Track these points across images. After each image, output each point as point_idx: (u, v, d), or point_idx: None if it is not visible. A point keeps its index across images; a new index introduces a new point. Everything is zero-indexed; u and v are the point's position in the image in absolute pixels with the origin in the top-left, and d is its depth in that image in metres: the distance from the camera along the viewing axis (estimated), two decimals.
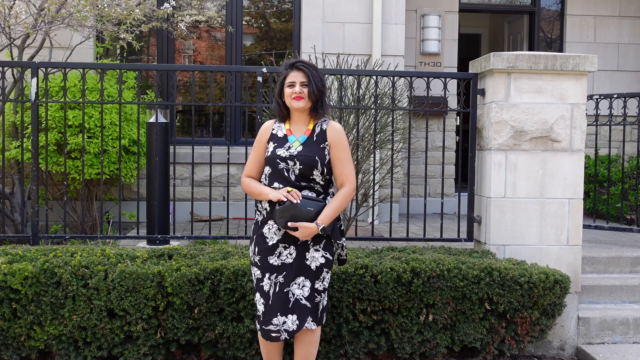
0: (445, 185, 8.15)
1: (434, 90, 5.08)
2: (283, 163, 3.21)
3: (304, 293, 3.22)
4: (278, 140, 3.29)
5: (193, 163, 4.90)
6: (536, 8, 9.03)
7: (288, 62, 3.29)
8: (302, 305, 3.22)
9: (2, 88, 4.59)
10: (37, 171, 4.61)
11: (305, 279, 3.23)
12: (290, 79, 3.24)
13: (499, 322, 4.11)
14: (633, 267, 5.17)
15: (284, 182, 3.22)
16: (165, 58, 7.34)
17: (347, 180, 3.27)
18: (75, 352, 3.94)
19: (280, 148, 3.25)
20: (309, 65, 3.26)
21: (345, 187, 3.26)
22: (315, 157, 3.21)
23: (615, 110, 5.90)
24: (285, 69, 3.29)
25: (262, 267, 3.25)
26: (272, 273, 3.23)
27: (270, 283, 3.23)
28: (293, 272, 3.22)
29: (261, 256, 3.26)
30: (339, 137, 3.28)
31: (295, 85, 3.21)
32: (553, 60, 4.39)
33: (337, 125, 3.33)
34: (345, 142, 3.31)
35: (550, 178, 4.46)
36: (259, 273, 3.26)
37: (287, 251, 3.24)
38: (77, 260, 3.90)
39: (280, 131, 3.31)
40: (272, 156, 3.24)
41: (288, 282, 3.22)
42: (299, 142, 3.25)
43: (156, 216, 4.75)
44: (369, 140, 5.04)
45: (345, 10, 7.19)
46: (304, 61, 3.30)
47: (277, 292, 3.22)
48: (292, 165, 3.21)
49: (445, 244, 4.81)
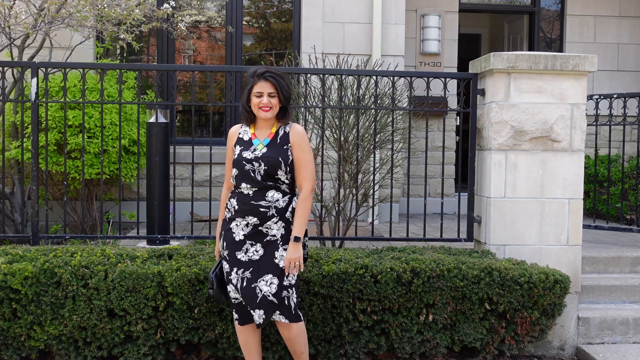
0: (445, 185, 8.16)
1: (434, 90, 5.08)
2: (249, 165, 3.37)
3: (271, 290, 3.35)
4: (244, 143, 3.45)
5: (193, 163, 4.90)
6: (536, 8, 9.03)
7: (256, 71, 3.39)
8: (269, 301, 3.36)
9: (2, 88, 4.58)
10: (37, 171, 4.61)
11: (273, 277, 3.36)
12: (257, 88, 3.35)
13: (499, 322, 4.11)
14: (633, 267, 5.17)
15: (251, 183, 3.38)
16: (165, 58, 7.34)
17: (305, 182, 3.40)
18: (75, 352, 3.94)
19: (246, 151, 3.41)
20: (276, 75, 3.37)
21: (302, 191, 3.40)
22: (279, 158, 3.36)
23: (615, 110, 5.89)
24: (252, 77, 3.38)
25: (230, 261, 3.41)
26: (240, 268, 3.38)
27: (237, 277, 3.38)
28: (260, 269, 3.36)
29: (229, 250, 3.41)
30: (300, 139, 3.42)
31: (263, 96, 3.34)
32: (553, 60, 4.39)
33: (300, 127, 3.48)
34: (307, 144, 3.44)
35: (550, 178, 4.46)
36: (227, 267, 3.43)
37: (254, 248, 3.39)
38: (77, 260, 3.90)
39: (245, 135, 3.47)
40: (239, 158, 3.40)
41: (255, 278, 3.36)
42: (263, 145, 3.40)
43: (156, 216, 4.75)
44: (369, 140, 5.04)
45: (345, 10, 7.19)
46: (272, 71, 3.39)
47: (244, 286, 3.37)
48: (257, 166, 3.36)
49: (445, 244, 4.81)
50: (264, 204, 3.37)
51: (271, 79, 3.35)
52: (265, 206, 3.37)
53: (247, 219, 3.39)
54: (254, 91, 3.37)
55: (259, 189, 3.38)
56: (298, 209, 3.38)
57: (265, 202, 3.37)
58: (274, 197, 3.38)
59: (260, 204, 3.37)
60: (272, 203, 3.38)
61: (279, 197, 3.40)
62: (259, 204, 3.37)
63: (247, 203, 3.39)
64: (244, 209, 3.39)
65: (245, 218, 3.39)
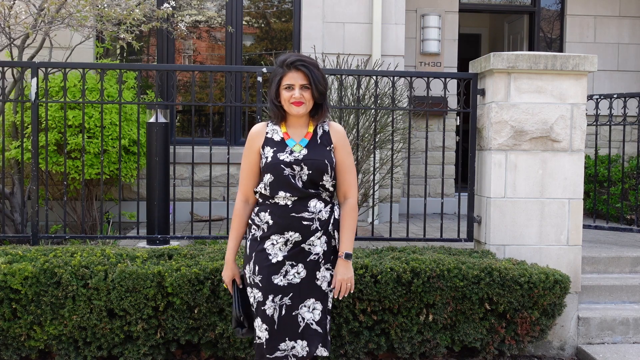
0: (445, 185, 8.15)
1: (434, 90, 5.08)
2: (288, 169, 2.83)
3: (314, 317, 2.88)
4: (276, 144, 2.89)
5: (193, 163, 4.90)
6: (536, 8, 9.02)
7: (285, 60, 2.84)
8: (312, 330, 2.88)
9: (2, 88, 4.59)
10: (37, 171, 4.61)
11: (315, 301, 2.89)
12: (287, 80, 2.82)
13: (499, 322, 4.11)
14: (633, 267, 5.17)
15: (291, 191, 2.84)
16: (165, 58, 7.34)
17: (351, 190, 2.95)
18: (75, 352, 3.94)
19: (281, 152, 2.86)
20: (309, 64, 2.83)
21: (350, 199, 2.94)
22: (325, 161, 2.86)
23: (615, 110, 5.90)
24: (281, 67, 2.85)
25: (265, 288, 2.86)
26: (277, 295, 2.85)
27: (274, 306, 2.86)
28: (302, 293, 2.87)
29: (263, 276, 2.86)
30: (343, 139, 2.96)
31: (295, 89, 2.82)
32: (553, 60, 4.39)
33: (339, 126, 3.01)
34: (349, 145, 3.00)
35: (550, 178, 4.46)
36: (260, 295, 2.87)
37: (295, 270, 2.87)
38: (77, 260, 3.90)
39: (276, 135, 2.92)
40: (275, 161, 2.84)
41: (296, 305, 2.86)
42: (301, 146, 2.88)
43: (156, 216, 4.75)
44: (369, 140, 5.04)
45: (345, 10, 7.19)
46: (304, 59, 2.85)
47: (283, 315, 2.86)
48: (299, 170, 2.84)
49: (445, 244, 4.81)
50: (307, 216, 2.85)
51: (303, 69, 2.81)
52: (308, 219, 2.85)
53: (287, 235, 2.85)
54: (284, 83, 2.83)
55: (300, 198, 2.84)
56: (346, 220, 2.90)
57: (308, 213, 2.85)
58: (317, 207, 2.87)
59: (303, 216, 2.84)
60: (316, 215, 2.86)
61: (322, 207, 2.89)
62: (301, 216, 2.84)
63: (286, 216, 2.84)
64: (282, 223, 2.84)
65: (284, 235, 2.85)
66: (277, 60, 2.90)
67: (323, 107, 2.91)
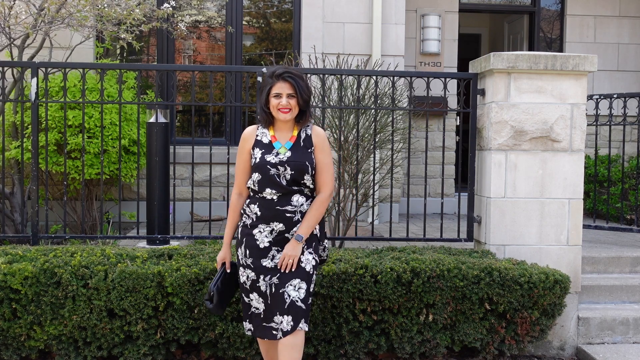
0: (445, 185, 8.15)
1: (434, 90, 5.08)
2: (274, 169, 3.23)
3: (299, 295, 3.22)
4: (264, 146, 3.30)
5: (193, 163, 4.90)
6: (536, 8, 9.02)
7: (274, 71, 3.27)
8: (297, 307, 3.21)
9: (2, 88, 4.58)
10: (37, 171, 4.61)
11: (301, 281, 3.23)
12: (276, 89, 3.23)
13: (499, 322, 4.11)
14: (633, 267, 5.17)
15: (276, 188, 3.24)
16: (165, 58, 7.34)
17: (325, 187, 3.31)
18: (75, 352, 3.94)
19: (268, 154, 3.27)
20: (295, 76, 3.25)
21: (322, 194, 3.30)
22: (306, 162, 3.26)
23: (615, 110, 5.89)
24: (271, 78, 3.26)
25: (256, 268, 3.26)
26: (266, 275, 3.24)
27: (265, 284, 3.24)
28: (287, 274, 3.22)
29: (253, 258, 3.27)
30: (322, 141, 3.34)
31: (282, 97, 3.22)
32: (553, 60, 4.39)
33: (321, 130, 3.39)
34: (329, 147, 3.37)
35: (550, 178, 4.46)
36: (254, 275, 3.27)
37: (280, 254, 3.26)
38: (77, 260, 3.90)
39: (264, 137, 3.32)
40: (262, 162, 3.25)
41: (283, 283, 3.22)
42: (286, 148, 3.28)
43: (156, 216, 4.75)
44: (369, 140, 5.04)
45: (345, 10, 7.19)
46: (291, 71, 3.28)
47: (273, 292, 3.22)
48: (282, 170, 3.24)
49: (445, 244, 4.81)
50: (290, 209, 3.26)
51: (290, 80, 3.23)
52: (291, 211, 3.25)
53: (272, 225, 3.26)
54: (273, 92, 3.24)
55: (284, 194, 3.25)
56: (311, 209, 3.27)
57: (291, 207, 3.26)
58: (299, 201, 3.27)
59: (286, 209, 3.25)
60: (298, 208, 3.26)
61: (304, 201, 3.28)
62: (285, 209, 3.25)
63: (272, 209, 3.25)
64: (268, 215, 3.26)
65: (269, 224, 3.26)
66: (267, 72, 3.33)
67: (307, 114, 3.32)
